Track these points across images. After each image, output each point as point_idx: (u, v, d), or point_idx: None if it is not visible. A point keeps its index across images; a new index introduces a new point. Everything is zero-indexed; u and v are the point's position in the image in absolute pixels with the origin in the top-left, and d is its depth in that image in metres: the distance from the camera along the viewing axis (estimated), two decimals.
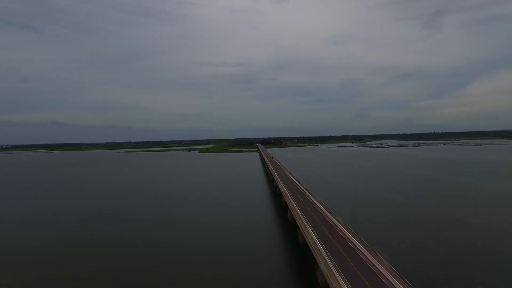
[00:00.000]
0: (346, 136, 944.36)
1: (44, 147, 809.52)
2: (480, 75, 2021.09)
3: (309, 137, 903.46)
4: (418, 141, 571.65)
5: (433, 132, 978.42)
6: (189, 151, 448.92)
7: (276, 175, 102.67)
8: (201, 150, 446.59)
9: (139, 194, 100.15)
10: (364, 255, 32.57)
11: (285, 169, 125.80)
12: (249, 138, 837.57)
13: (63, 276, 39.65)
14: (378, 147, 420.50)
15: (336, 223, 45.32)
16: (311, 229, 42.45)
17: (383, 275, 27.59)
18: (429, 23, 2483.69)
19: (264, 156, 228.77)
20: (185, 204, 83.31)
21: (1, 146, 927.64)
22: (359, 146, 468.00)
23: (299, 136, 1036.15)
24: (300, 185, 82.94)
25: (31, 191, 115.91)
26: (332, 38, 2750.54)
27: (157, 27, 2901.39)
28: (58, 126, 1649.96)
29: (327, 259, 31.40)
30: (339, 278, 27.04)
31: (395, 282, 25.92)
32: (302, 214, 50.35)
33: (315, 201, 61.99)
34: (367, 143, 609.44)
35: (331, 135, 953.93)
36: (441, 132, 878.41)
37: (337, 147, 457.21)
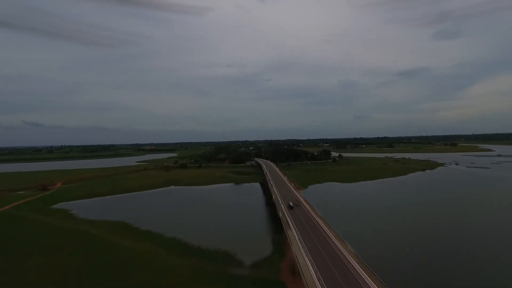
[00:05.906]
0: (380, 138, 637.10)
1: None
2: (481, 77, 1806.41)
3: (345, 139, 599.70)
4: None
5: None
6: None
7: None
8: None
9: None
10: None
11: None
12: (246, 141, 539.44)
13: None
14: None
15: None
16: None
17: None
18: (430, 24, 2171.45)
19: None
20: None
21: None
22: None
23: (304, 138, 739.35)
24: None
25: None
26: (329, 38, 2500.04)
27: (150, 27, 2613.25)
28: (34, 127, 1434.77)
29: None
30: None
31: None
32: None
33: None
34: (470, 153, 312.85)
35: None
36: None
37: None
